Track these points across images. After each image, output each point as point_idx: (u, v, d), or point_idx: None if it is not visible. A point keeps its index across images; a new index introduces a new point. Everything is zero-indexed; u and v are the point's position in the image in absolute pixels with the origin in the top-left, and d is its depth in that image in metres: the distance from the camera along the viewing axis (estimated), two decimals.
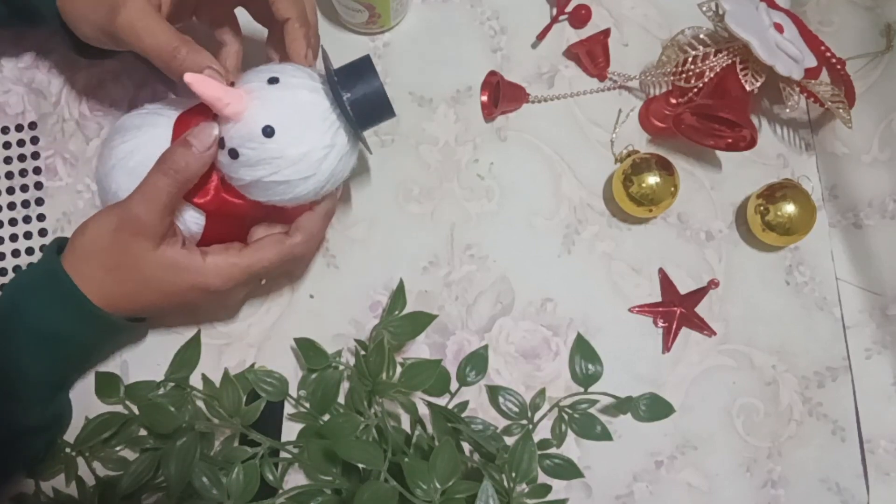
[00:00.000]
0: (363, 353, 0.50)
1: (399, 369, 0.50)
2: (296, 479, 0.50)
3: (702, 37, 0.53)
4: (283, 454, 0.50)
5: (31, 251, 0.53)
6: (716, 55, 0.52)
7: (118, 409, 0.50)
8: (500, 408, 0.52)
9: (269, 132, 0.40)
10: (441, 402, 0.52)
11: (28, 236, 0.53)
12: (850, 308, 0.56)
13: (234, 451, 0.48)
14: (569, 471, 0.50)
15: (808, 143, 0.58)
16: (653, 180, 0.52)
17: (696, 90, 0.54)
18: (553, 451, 0.51)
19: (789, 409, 0.54)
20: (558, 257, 0.55)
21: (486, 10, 0.58)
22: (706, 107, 0.53)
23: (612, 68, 0.57)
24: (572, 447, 0.52)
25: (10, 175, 0.54)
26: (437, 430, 0.50)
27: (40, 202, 0.54)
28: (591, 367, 0.52)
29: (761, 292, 0.55)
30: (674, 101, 0.55)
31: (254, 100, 0.41)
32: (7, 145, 0.54)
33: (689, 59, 0.53)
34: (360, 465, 0.44)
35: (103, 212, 0.44)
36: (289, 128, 0.40)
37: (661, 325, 0.54)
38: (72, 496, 0.49)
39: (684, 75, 0.53)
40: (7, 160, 0.54)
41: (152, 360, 0.52)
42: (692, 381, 0.54)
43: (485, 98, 0.57)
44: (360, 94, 0.41)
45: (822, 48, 0.55)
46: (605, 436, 0.51)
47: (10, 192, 0.54)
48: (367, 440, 0.47)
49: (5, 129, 0.54)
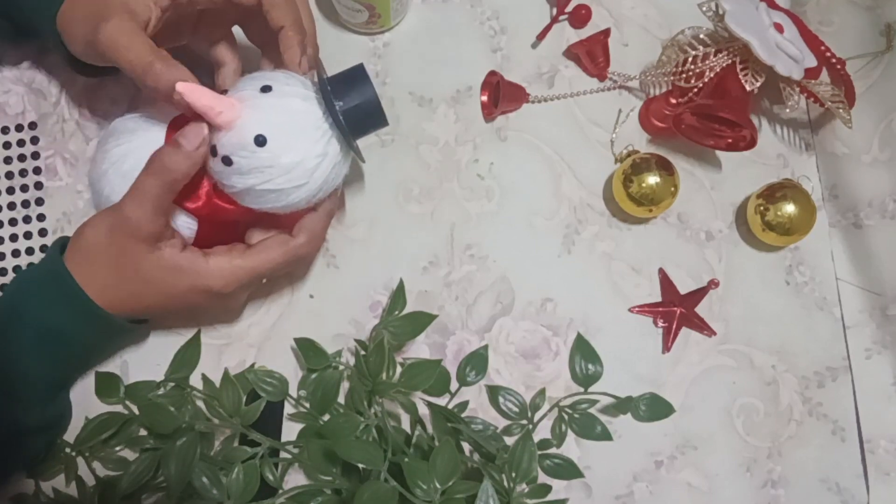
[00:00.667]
0: (363, 353, 0.50)
1: (399, 369, 0.50)
2: (296, 479, 0.50)
3: (702, 37, 0.53)
4: (283, 454, 0.50)
5: (31, 251, 0.53)
6: (716, 55, 0.52)
7: (118, 409, 0.50)
8: (500, 408, 0.52)
9: (261, 141, 0.40)
10: (441, 402, 0.52)
11: (28, 236, 0.53)
12: (850, 308, 0.56)
13: (234, 451, 0.48)
14: (569, 471, 0.50)
15: (808, 143, 0.58)
16: (653, 180, 0.52)
17: (696, 90, 0.54)
18: (553, 451, 0.51)
19: (789, 409, 0.54)
20: (558, 257, 0.55)
21: (486, 10, 0.58)
22: (706, 107, 0.53)
23: (612, 68, 0.57)
24: (572, 447, 0.52)
25: (10, 175, 0.54)
26: (437, 430, 0.50)
27: (40, 202, 0.54)
28: (591, 367, 0.52)
29: (761, 292, 0.55)
30: (674, 101, 0.55)
31: (246, 108, 0.40)
32: (7, 145, 0.54)
33: (689, 59, 0.53)
34: (360, 465, 0.44)
35: (98, 215, 0.44)
36: (281, 136, 0.40)
37: (661, 325, 0.54)
38: (72, 496, 0.49)
39: (684, 75, 0.53)
40: (7, 160, 0.54)
41: (152, 360, 0.52)
42: (692, 381, 0.54)
43: (485, 98, 0.57)
44: (352, 103, 0.41)
45: (822, 48, 0.55)
46: (605, 436, 0.51)
47: (10, 192, 0.54)
48: (367, 440, 0.47)
49: (5, 129, 0.54)
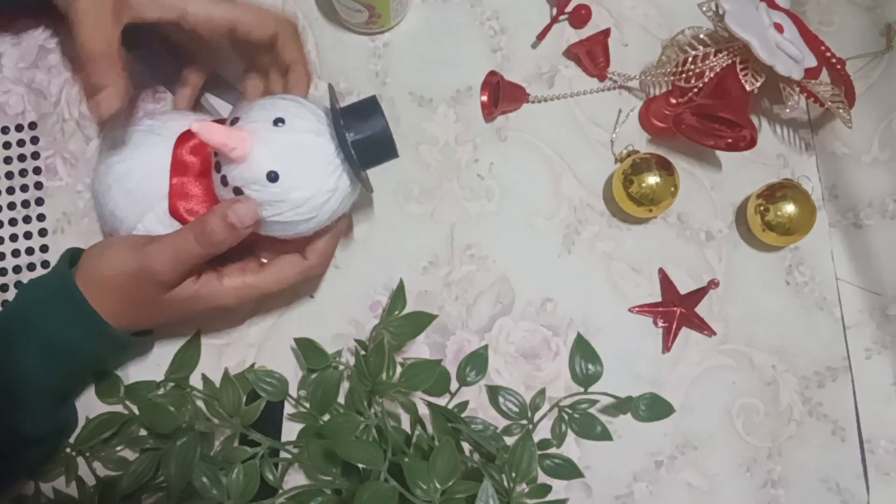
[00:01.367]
0: (363, 353, 0.50)
1: (399, 369, 0.50)
2: (296, 479, 0.50)
3: (702, 37, 0.53)
4: (283, 454, 0.50)
5: (31, 251, 0.53)
6: (716, 55, 0.52)
7: (118, 409, 0.50)
8: (500, 408, 0.52)
9: (273, 177, 0.40)
10: (441, 402, 0.52)
11: (28, 236, 0.53)
12: (850, 308, 0.56)
13: (234, 451, 0.48)
14: (569, 471, 0.50)
15: (808, 143, 0.58)
16: (653, 180, 0.52)
17: (696, 90, 0.54)
18: (553, 451, 0.51)
19: (789, 409, 0.54)
20: (558, 257, 0.55)
21: (486, 10, 0.58)
22: (706, 107, 0.53)
23: (612, 68, 0.57)
24: (572, 447, 0.52)
25: (10, 175, 0.54)
26: (437, 430, 0.50)
27: (40, 202, 0.54)
28: (591, 367, 0.52)
29: (761, 292, 0.55)
30: (674, 101, 0.55)
31: (258, 142, 0.40)
32: (7, 145, 0.54)
33: (689, 59, 0.53)
34: (360, 465, 0.44)
35: (119, 253, 0.44)
36: (293, 173, 0.40)
37: (661, 325, 0.54)
38: (72, 496, 0.49)
39: (684, 75, 0.53)
40: (7, 160, 0.54)
41: (152, 360, 0.52)
42: (692, 381, 0.54)
43: (485, 98, 0.57)
44: (364, 136, 0.41)
45: (822, 48, 0.55)
46: (605, 436, 0.51)
47: (10, 192, 0.54)
48: (367, 440, 0.47)
49: (5, 129, 0.54)
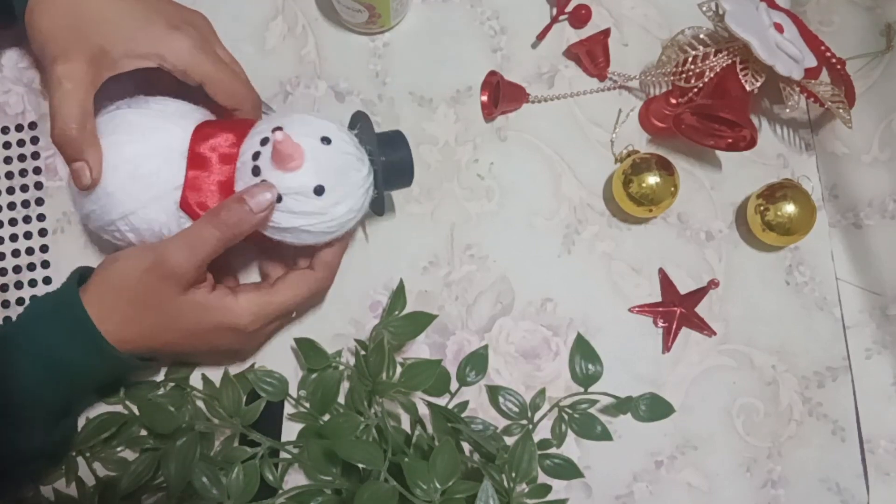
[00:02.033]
0: (363, 353, 0.50)
1: (399, 369, 0.50)
2: (296, 479, 0.50)
3: (702, 37, 0.53)
4: (283, 454, 0.50)
5: (31, 251, 0.53)
6: (716, 55, 0.52)
7: (118, 409, 0.50)
8: (500, 408, 0.52)
9: (319, 191, 0.42)
10: (441, 402, 0.52)
11: (28, 236, 0.53)
12: (850, 308, 0.56)
13: (234, 451, 0.48)
14: (569, 471, 0.50)
15: (808, 143, 0.58)
16: (653, 180, 0.52)
17: (696, 90, 0.54)
18: (553, 451, 0.51)
19: (789, 409, 0.54)
20: (558, 257, 0.55)
21: (486, 10, 0.58)
22: (706, 107, 0.53)
23: (612, 68, 0.57)
24: (572, 447, 0.52)
25: (10, 175, 0.54)
26: (437, 430, 0.50)
27: (40, 202, 0.54)
28: (591, 367, 0.52)
29: (761, 292, 0.55)
30: (674, 101, 0.55)
31: (308, 156, 0.43)
32: (7, 145, 0.54)
33: (689, 59, 0.53)
34: (360, 465, 0.44)
35: (134, 253, 0.44)
36: (336, 189, 0.43)
37: (661, 325, 0.54)
38: (72, 496, 0.49)
39: (684, 75, 0.53)
40: (7, 160, 0.54)
41: None
42: (692, 381, 0.54)
43: (485, 98, 0.57)
44: (394, 162, 0.46)
45: (822, 48, 0.55)
46: (605, 436, 0.51)
47: (10, 192, 0.54)
48: (367, 440, 0.47)
49: (5, 129, 0.54)
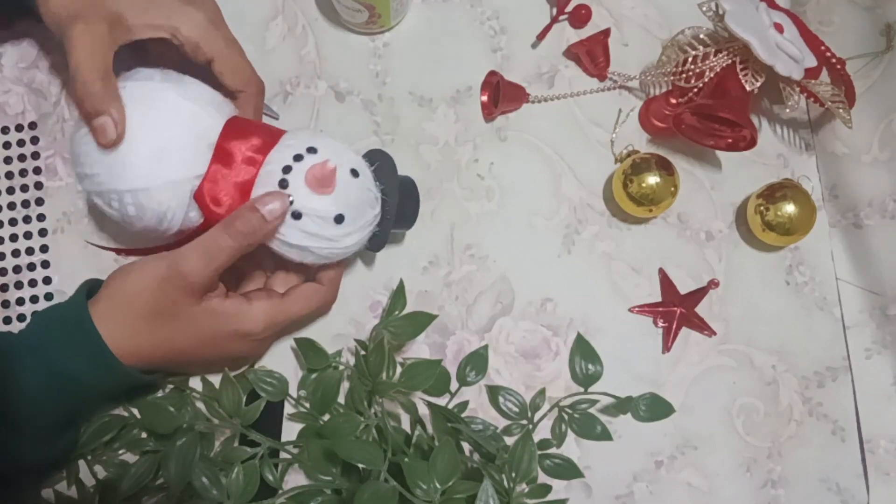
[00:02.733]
0: (363, 353, 0.50)
1: (399, 369, 0.50)
2: (296, 479, 0.50)
3: (702, 37, 0.53)
4: (283, 454, 0.50)
5: (31, 251, 0.53)
6: (716, 55, 0.52)
7: (118, 411, 0.50)
8: (500, 408, 0.52)
9: (340, 220, 0.44)
10: (441, 402, 0.52)
11: (28, 236, 0.53)
12: (850, 308, 0.56)
13: (234, 451, 0.48)
14: (569, 471, 0.50)
15: (808, 143, 0.58)
16: (653, 180, 0.52)
17: (696, 90, 0.54)
18: (553, 451, 0.51)
19: (789, 409, 0.54)
20: (558, 257, 0.55)
21: (486, 10, 0.58)
22: (706, 107, 0.53)
23: (612, 68, 0.57)
24: (572, 447, 0.52)
25: (10, 175, 0.54)
26: (437, 430, 0.50)
27: (40, 202, 0.54)
28: (591, 367, 0.52)
29: (761, 292, 0.55)
30: (674, 101, 0.55)
31: (339, 186, 0.44)
32: (7, 145, 0.54)
33: (689, 59, 0.53)
34: (360, 465, 0.44)
35: (151, 261, 0.43)
36: (353, 222, 0.45)
37: (661, 325, 0.54)
38: (72, 498, 0.48)
39: (684, 75, 0.53)
40: (7, 160, 0.54)
41: None
42: (692, 381, 0.54)
43: (485, 98, 0.57)
44: (404, 207, 0.48)
45: (822, 48, 0.55)
46: (605, 436, 0.51)
47: (10, 192, 0.54)
48: (367, 440, 0.47)
49: (5, 129, 0.54)
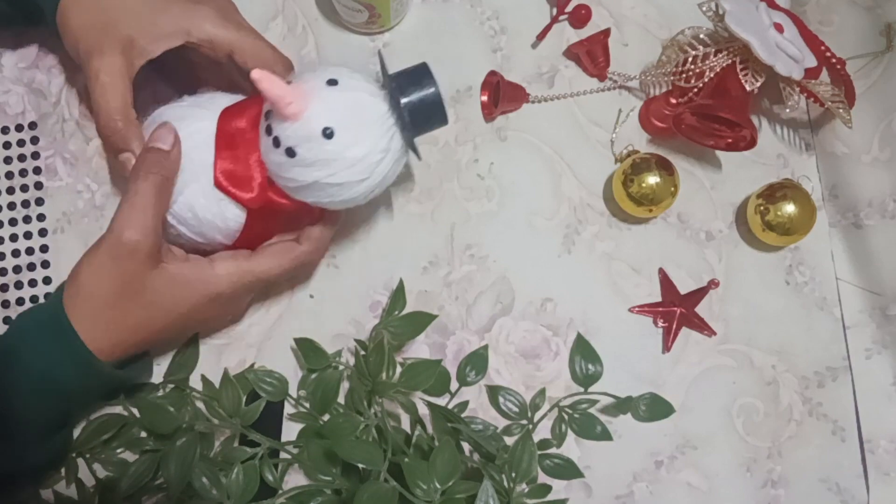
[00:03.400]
0: (363, 353, 0.50)
1: (399, 369, 0.50)
2: (296, 479, 0.50)
3: (702, 37, 0.53)
4: (283, 454, 0.50)
5: (31, 251, 0.53)
6: (716, 55, 0.52)
7: (118, 410, 0.50)
8: (500, 408, 0.52)
9: (329, 133, 0.40)
10: (441, 402, 0.52)
11: (28, 236, 0.53)
12: (850, 308, 0.56)
13: (234, 451, 0.48)
14: (569, 471, 0.50)
15: (808, 143, 0.58)
16: (653, 180, 0.52)
17: (696, 90, 0.54)
18: (553, 451, 0.51)
19: (789, 409, 0.54)
20: (558, 257, 0.55)
21: (486, 10, 0.58)
22: (706, 107, 0.53)
23: (612, 68, 0.57)
24: (572, 447, 0.52)
25: (10, 175, 0.54)
26: (437, 430, 0.50)
27: (40, 202, 0.54)
28: (591, 367, 0.52)
29: (761, 292, 0.55)
30: (674, 101, 0.55)
31: (313, 100, 0.40)
32: (7, 145, 0.54)
33: (689, 59, 0.53)
34: (360, 465, 0.44)
35: (90, 251, 0.43)
36: (348, 130, 0.40)
37: (661, 325, 0.54)
38: (72, 498, 0.48)
39: (684, 75, 0.53)
40: (7, 160, 0.54)
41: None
42: (692, 381, 0.54)
43: (485, 98, 0.57)
44: (416, 99, 0.42)
45: (822, 48, 0.55)
46: (605, 436, 0.51)
47: (10, 192, 0.54)
48: (367, 440, 0.47)
49: (5, 129, 0.54)
